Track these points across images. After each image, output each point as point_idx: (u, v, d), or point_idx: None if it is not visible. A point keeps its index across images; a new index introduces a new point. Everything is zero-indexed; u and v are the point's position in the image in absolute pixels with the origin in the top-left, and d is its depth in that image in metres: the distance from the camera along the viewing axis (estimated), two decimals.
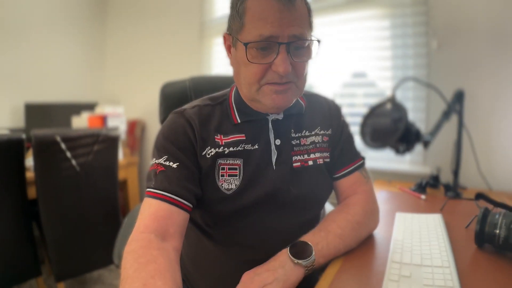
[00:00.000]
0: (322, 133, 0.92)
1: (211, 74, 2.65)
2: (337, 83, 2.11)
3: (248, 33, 0.72)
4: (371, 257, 0.80)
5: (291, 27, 0.71)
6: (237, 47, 0.77)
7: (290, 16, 0.70)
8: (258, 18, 0.71)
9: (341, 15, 2.02)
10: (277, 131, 0.86)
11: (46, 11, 2.95)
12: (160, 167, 0.77)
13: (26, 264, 1.83)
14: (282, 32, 0.70)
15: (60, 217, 1.88)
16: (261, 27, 0.70)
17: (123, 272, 0.63)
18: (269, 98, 0.77)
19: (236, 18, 0.75)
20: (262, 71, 0.74)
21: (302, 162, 0.87)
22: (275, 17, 0.69)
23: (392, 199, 1.33)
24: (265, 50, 0.73)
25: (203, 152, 0.81)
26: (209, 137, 0.82)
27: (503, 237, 0.75)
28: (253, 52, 0.73)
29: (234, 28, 0.77)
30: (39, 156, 1.77)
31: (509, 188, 1.50)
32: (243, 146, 0.83)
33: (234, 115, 0.86)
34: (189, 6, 2.79)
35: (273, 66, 0.73)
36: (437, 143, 1.55)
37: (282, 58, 0.72)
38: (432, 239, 0.85)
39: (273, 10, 0.69)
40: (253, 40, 0.71)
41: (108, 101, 3.32)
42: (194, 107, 0.85)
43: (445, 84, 1.58)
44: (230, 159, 0.81)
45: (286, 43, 0.71)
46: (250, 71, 0.75)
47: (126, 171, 2.67)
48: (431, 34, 1.71)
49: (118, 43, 3.40)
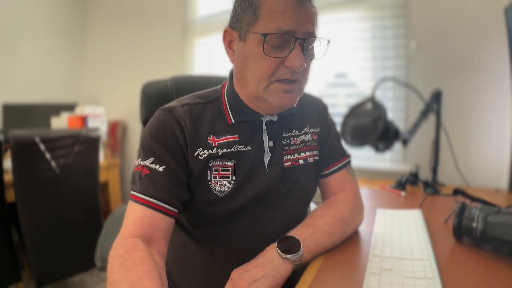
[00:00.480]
0: (311, 131, 0.92)
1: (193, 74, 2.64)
2: (321, 83, 2.14)
3: (264, 26, 0.71)
4: (353, 252, 0.82)
5: (306, 24, 0.72)
6: (247, 40, 0.74)
7: (305, 13, 0.71)
8: (277, 12, 0.70)
9: (323, 16, 2.05)
10: (271, 133, 0.85)
11: (25, 11, 2.88)
12: (145, 170, 0.74)
13: (5, 270, 1.78)
14: (299, 28, 0.70)
15: (39, 221, 1.84)
16: (280, 20, 0.69)
17: (109, 277, 0.62)
18: (277, 97, 0.75)
19: (249, 11, 0.73)
20: (275, 66, 0.73)
21: (293, 161, 0.87)
22: (292, 13, 0.69)
23: (373, 196, 1.35)
24: (280, 44, 0.71)
25: (195, 153, 0.78)
26: (201, 138, 0.79)
27: (480, 230, 0.78)
28: (267, 46, 0.71)
29: (245, 21, 0.74)
30: (17, 158, 1.72)
31: (486, 184, 1.55)
32: (236, 147, 0.81)
33: (228, 115, 0.83)
34: (171, 6, 2.77)
35: (287, 61, 0.72)
36: (416, 142, 1.59)
37: (298, 53, 0.71)
38: (412, 233, 0.88)
39: (291, 5, 0.70)
40: (272, 32, 0.70)
41: (88, 101, 3.27)
42: (184, 105, 0.81)
43: (423, 84, 1.63)
44: (223, 161, 0.79)
45: (302, 38, 0.71)
46: (261, 66, 0.73)
47: (107, 173, 2.64)
48: (410, 36, 1.76)
49: (99, 42, 3.35)
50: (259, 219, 0.83)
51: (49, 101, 2.97)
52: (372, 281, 0.65)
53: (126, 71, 3.14)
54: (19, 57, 2.86)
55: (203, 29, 2.59)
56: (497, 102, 1.56)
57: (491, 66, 1.56)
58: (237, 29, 0.76)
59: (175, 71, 2.40)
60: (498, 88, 1.55)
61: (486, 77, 1.59)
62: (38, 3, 2.98)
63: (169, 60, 2.81)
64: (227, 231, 0.83)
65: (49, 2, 3.08)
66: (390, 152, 1.83)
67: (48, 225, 1.88)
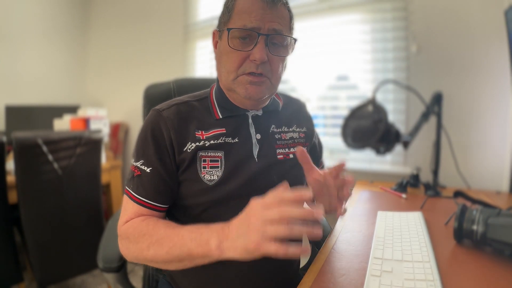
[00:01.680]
0: (298, 130, 1.00)
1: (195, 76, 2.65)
2: (321, 85, 2.14)
3: (233, 24, 0.81)
4: (354, 254, 0.82)
5: (271, 22, 0.80)
6: (222, 37, 0.84)
7: (271, 14, 0.80)
8: (244, 12, 0.79)
9: (325, 19, 2.06)
10: (258, 126, 0.91)
11: (28, 14, 2.90)
12: (136, 171, 0.83)
13: (7, 270, 1.79)
14: (263, 26, 0.79)
15: (42, 222, 1.85)
16: (245, 19, 0.79)
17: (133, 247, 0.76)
18: (243, 88, 0.82)
19: (226, 13, 0.83)
20: (241, 60, 0.81)
21: (284, 155, 0.93)
22: (258, 13, 0.79)
23: (374, 198, 1.35)
24: (246, 39, 0.80)
25: (184, 148, 0.84)
26: (189, 133, 0.85)
27: (481, 232, 0.78)
28: (235, 41, 0.80)
29: (222, 21, 0.85)
30: (20, 160, 1.73)
31: (486, 186, 1.56)
32: (223, 139, 0.86)
33: (215, 111, 0.90)
34: (173, 10, 2.78)
35: (251, 55, 0.80)
36: (417, 144, 1.59)
37: (260, 47, 0.79)
38: (413, 235, 0.88)
39: (258, 7, 0.79)
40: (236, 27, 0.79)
41: (90, 103, 3.28)
42: (171, 106, 0.88)
43: (424, 86, 1.63)
44: (211, 152, 0.85)
45: (265, 34, 0.79)
46: (230, 59, 0.82)
47: (109, 175, 2.65)
48: (411, 39, 1.76)
49: (102, 45, 3.36)
50: None
51: (51, 103, 2.98)
52: (373, 283, 0.65)
53: (128, 74, 3.15)
54: (22, 59, 2.87)
55: (204, 32, 2.60)
56: (497, 104, 1.57)
57: (491, 68, 1.57)
58: (218, 29, 0.87)
59: (176, 74, 2.42)
60: (498, 90, 1.55)
61: (486, 79, 1.59)
62: (41, 6, 3.00)
63: (171, 63, 2.82)
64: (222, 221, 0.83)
65: (52, 5, 3.09)
66: (391, 154, 1.84)
67: (50, 226, 1.88)
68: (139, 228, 0.77)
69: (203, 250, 0.66)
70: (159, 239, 0.72)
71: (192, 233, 0.69)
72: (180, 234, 0.70)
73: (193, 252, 0.67)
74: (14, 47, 2.81)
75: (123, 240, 0.80)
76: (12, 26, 2.78)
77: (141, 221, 0.79)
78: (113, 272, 0.96)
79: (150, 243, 0.72)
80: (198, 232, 0.68)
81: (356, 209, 1.18)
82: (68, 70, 3.28)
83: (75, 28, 3.31)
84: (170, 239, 0.71)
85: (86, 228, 2.05)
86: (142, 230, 0.76)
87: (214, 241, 0.65)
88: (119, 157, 3.01)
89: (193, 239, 0.68)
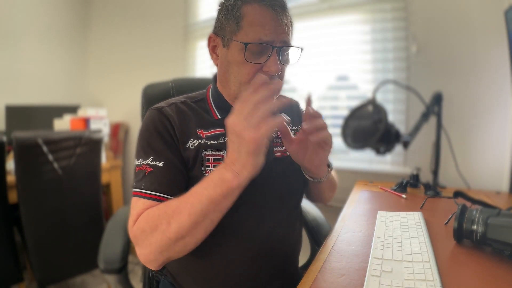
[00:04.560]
0: (294, 129, 1.03)
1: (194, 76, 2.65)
2: (321, 85, 2.14)
3: (245, 35, 0.80)
4: (353, 254, 0.82)
5: (283, 34, 0.81)
6: (230, 47, 0.83)
7: (282, 25, 0.81)
8: (257, 24, 0.79)
9: (325, 19, 2.06)
10: None
11: (28, 14, 2.89)
12: (148, 168, 0.81)
13: (7, 270, 1.79)
14: (276, 38, 0.80)
15: (42, 222, 1.85)
16: (260, 32, 0.79)
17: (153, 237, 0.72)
18: None
19: (232, 21, 0.82)
20: (254, 71, 0.81)
21: (282, 152, 0.95)
22: (271, 25, 0.79)
23: (373, 198, 1.35)
24: (260, 52, 0.81)
25: (186, 145, 0.84)
26: (191, 130, 0.86)
27: (481, 232, 0.78)
28: (248, 53, 0.80)
29: (228, 29, 0.83)
30: (20, 159, 1.73)
31: (486, 186, 1.56)
32: (223, 139, 0.87)
33: (214, 112, 0.92)
34: (173, 10, 2.78)
35: (265, 67, 0.81)
36: (417, 144, 1.59)
37: (274, 59, 0.80)
38: (413, 235, 0.88)
39: (270, 18, 0.80)
40: (253, 42, 0.79)
41: (91, 103, 3.28)
42: (171, 104, 0.89)
43: (424, 86, 1.63)
44: (214, 150, 0.85)
45: (278, 47, 0.81)
46: (243, 70, 0.82)
47: (109, 175, 2.64)
48: (411, 39, 1.76)
49: (102, 45, 3.36)
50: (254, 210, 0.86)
51: (51, 103, 2.98)
52: (373, 283, 0.65)
53: (128, 74, 3.15)
54: (22, 59, 2.87)
55: (204, 32, 2.61)
56: (497, 104, 1.57)
57: (491, 68, 1.57)
58: (221, 36, 0.86)
59: (176, 74, 2.41)
60: (498, 90, 1.55)
61: (486, 79, 1.59)
62: (41, 6, 2.99)
63: (171, 63, 2.82)
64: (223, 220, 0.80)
65: (52, 5, 3.09)
66: (391, 155, 1.84)
67: (50, 226, 1.88)
68: (151, 215, 0.74)
69: (222, 188, 0.67)
70: (175, 210, 0.71)
71: (202, 184, 0.70)
72: (193, 192, 0.71)
73: (214, 196, 0.68)
74: (14, 47, 2.81)
75: (139, 239, 0.75)
76: (12, 26, 2.78)
77: (150, 210, 0.76)
78: (114, 274, 0.96)
79: (168, 218, 0.71)
80: (207, 180, 0.70)
81: (356, 209, 1.18)
82: (68, 70, 3.28)
83: (75, 28, 3.30)
84: (186, 202, 0.70)
85: (86, 228, 2.05)
86: (154, 214, 0.74)
87: (226, 173, 0.67)
88: (119, 157, 3.01)
89: (207, 187, 0.69)
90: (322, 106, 2.16)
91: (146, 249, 0.74)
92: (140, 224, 0.75)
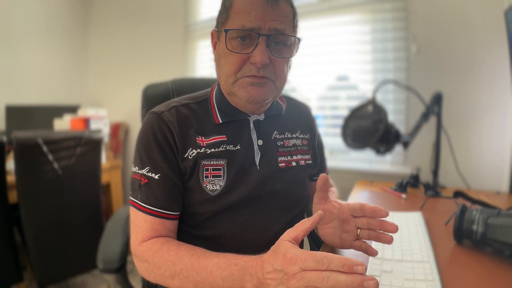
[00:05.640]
0: (301, 136, 0.96)
1: (195, 76, 2.65)
2: (321, 86, 2.15)
3: (231, 24, 0.75)
4: (353, 254, 0.82)
5: (273, 21, 0.74)
6: (220, 39, 0.79)
7: (273, 12, 0.74)
8: (242, 11, 0.74)
9: (325, 19, 2.06)
10: (259, 132, 0.87)
11: (28, 13, 2.89)
12: (143, 179, 0.78)
13: (7, 270, 1.78)
14: (263, 25, 0.73)
15: (42, 222, 1.85)
16: (244, 18, 0.73)
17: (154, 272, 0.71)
18: (245, 90, 0.77)
19: (223, 12, 0.78)
20: (241, 62, 0.76)
21: (287, 163, 0.89)
22: (258, 11, 0.73)
23: (373, 198, 1.35)
24: (245, 40, 0.75)
25: (185, 154, 0.80)
26: (190, 139, 0.81)
27: (480, 232, 0.78)
28: (234, 42, 0.75)
29: (220, 21, 0.80)
30: (20, 159, 1.73)
31: (486, 186, 1.56)
32: (224, 147, 0.83)
33: (215, 115, 0.86)
34: (173, 10, 2.78)
35: (251, 58, 0.75)
36: (417, 144, 1.60)
37: (260, 49, 0.73)
38: (413, 235, 0.88)
39: (258, 5, 0.73)
40: (233, 28, 0.74)
41: (91, 103, 3.28)
42: (171, 108, 0.84)
43: (424, 86, 1.63)
44: (213, 160, 0.81)
45: (266, 35, 0.73)
46: (229, 62, 0.76)
47: (109, 175, 2.64)
48: (411, 39, 1.77)
49: (102, 45, 3.36)
50: (254, 218, 0.84)
51: (52, 103, 2.98)
52: None
53: (128, 74, 3.15)
54: (22, 59, 2.87)
55: (205, 32, 2.60)
56: (497, 104, 1.57)
57: (491, 68, 1.57)
58: (217, 30, 0.82)
59: (177, 74, 2.41)
60: (498, 90, 1.56)
61: (486, 79, 1.59)
62: (41, 6, 2.99)
63: (171, 63, 2.82)
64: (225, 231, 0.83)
65: (52, 5, 3.09)
66: (391, 155, 1.84)
67: (50, 226, 1.88)
68: (160, 253, 0.71)
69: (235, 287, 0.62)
70: (183, 270, 0.67)
71: (222, 271, 0.63)
72: (208, 269, 0.64)
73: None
74: (14, 47, 2.81)
75: (142, 262, 0.75)
76: (12, 26, 2.77)
77: (161, 244, 0.73)
78: (113, 273, 0.96)
79: (174, 272, 0.68)
80: (229, 270, 0.62)
81: None
82: (68, 70, 3.27)
83: (75, 28, 3.30)
84: (197, 273, 0.65)
85: (86, 228, 2.05)
86: (163, 255, 0.71)
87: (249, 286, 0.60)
88: (119, 157, 3.01)
89: (224, 278, 0.62)
90: (322, 106, 2.16)
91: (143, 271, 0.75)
92: (146, 253, 0.74)
